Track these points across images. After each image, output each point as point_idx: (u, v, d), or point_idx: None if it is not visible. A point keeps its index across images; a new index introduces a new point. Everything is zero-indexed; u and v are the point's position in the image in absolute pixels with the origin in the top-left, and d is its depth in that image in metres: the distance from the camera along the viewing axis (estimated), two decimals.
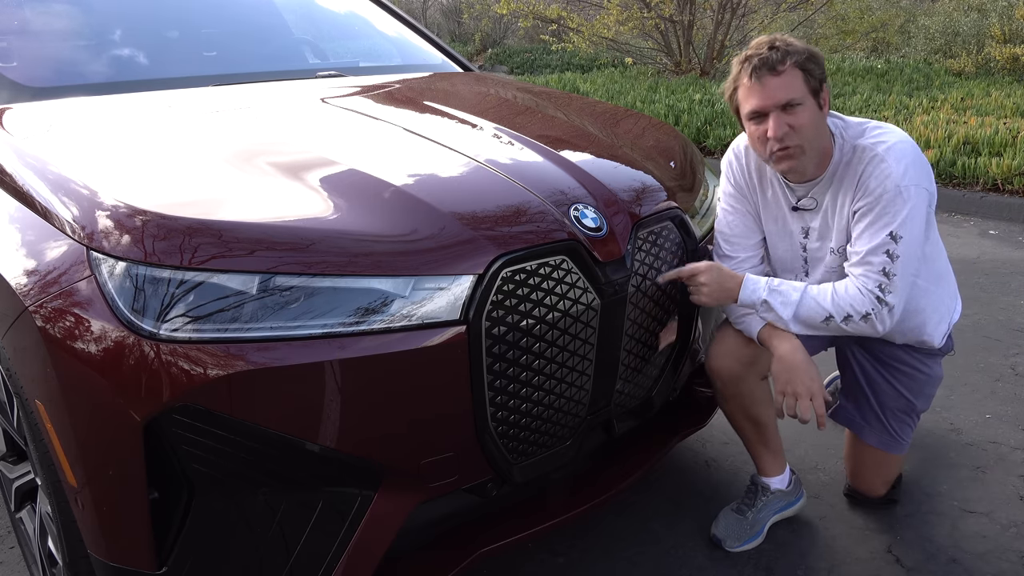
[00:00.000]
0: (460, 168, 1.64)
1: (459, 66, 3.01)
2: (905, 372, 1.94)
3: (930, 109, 6.91)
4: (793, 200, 1.85)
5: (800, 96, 1.67)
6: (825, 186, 1.79)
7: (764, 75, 1.67)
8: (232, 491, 1.35)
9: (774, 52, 1.67)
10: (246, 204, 1.42)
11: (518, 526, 1.66)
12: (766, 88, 1.68)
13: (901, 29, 12.04)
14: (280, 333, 1.29)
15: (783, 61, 1.66)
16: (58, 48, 2.29)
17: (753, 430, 1.99)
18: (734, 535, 1.96)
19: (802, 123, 1.68)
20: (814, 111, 1.69)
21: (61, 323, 1.31)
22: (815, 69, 1.69)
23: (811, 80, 1.68)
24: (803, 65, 1.67)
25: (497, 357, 1.42)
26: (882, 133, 1.73)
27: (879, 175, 1.67)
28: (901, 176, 1.66)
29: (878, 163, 1.68)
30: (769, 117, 1.69)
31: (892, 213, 1.67)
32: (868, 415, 2.00)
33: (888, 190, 1.66)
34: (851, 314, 1.72)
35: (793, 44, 1.69)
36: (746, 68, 1.70)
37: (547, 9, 11.38)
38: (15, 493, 1.81)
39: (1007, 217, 4.85)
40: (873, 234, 1.69)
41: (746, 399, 1.94)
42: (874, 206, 1.68)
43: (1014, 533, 2.00)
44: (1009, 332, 3.18)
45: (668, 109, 7.47)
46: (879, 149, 1.69)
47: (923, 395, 1.97)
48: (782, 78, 1.66)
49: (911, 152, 1.69)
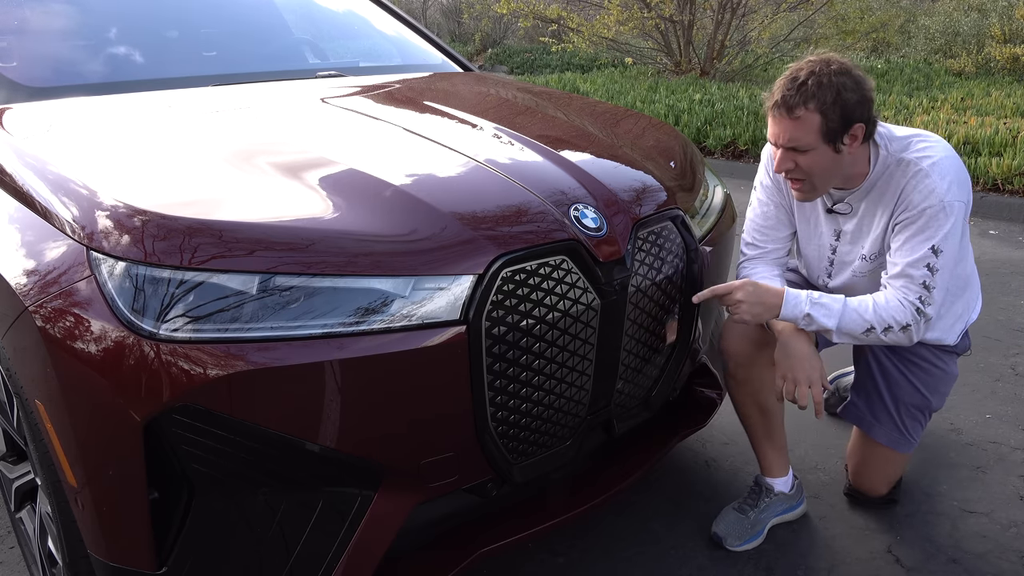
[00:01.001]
0: (460, 168, 1.64)
1: (459, 66, 3.01)
2: (922, 367, 1.95)
3: (930, 109, 6.91)
4: (829, 203, 1.88)
5: (808, 143, 1.68)
6: (862, 195, 1.81)
7: (780, 114, 1.69)
8: (232, 491, 1.35)
9: (798, 93, 1.65)
10: (246, 204, 1.42)
11: (518, 526, 1.66)
12: (778, 126, 1.70)
13: (901, 29, 12.04)
14: (280, 333, 1.29)
15: (802, 104, 1.65)
16: (58, 48, 2.29)
17: (760, 420, 1.99)
18: (735, 534, 1.96)
19: (808, 165, 1.71)
20: (825, 155, 1.69)
21: (61, 323, 1.31)
22: (840, 112, 1.64)
23: (829, 124, 1.66)
24: (824, 110, 1.64)
25: (497, 357, 1.42)
26: (927, 148, 1.74)
27: (923, 190, 1.69)
28: (945, 192, 1.67)
29: (923, 178, 1.70)
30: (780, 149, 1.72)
31: (935, 227, 1.69)
32: (879, 411, 2.00)
33: (932, 205, 1.68)
34: (891, 325, 1.74)
35: (824, 82, 1.63)
36: (773, 96, 1.70)
37: (547, 9, 11.38)
38: (15, 493, 1.81)
39: (1007, 217, 4.85)
40: (915, 247, 1.71)
41: (756, 384, 1.95)
42: (917, 219, 1.70)
43: (1014, 533, 2.00)
44: (1009, 332, 3.18)
45: (668, 109, 7.47)
46: (924, 164, 1.71)
47: (938, 392, 1.97)
48: (795, 122, 1.67)
49: (955, 167, 1.71)
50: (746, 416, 2.02)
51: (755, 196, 2.01)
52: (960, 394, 2.68)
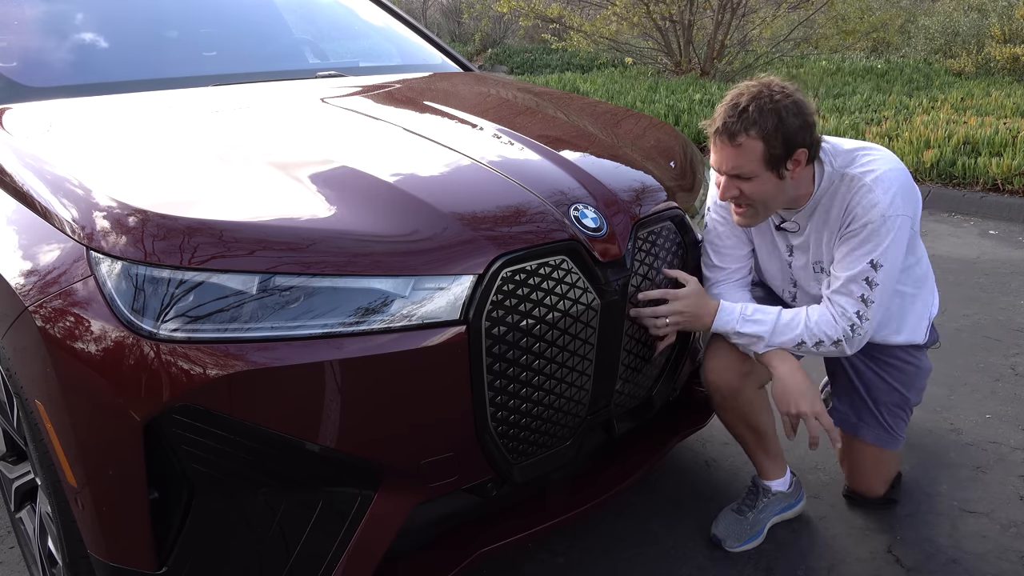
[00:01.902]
0: (460, 168, 1.64)
1: (459, 66, 3.01)
2: (895, 366, 1.96)
3: (930, 109, 6.91)
4: (777, 220, 1.88)
5: (751, 170, 1.66)
6: (807, 213, 1.81)
7: (722, 141, 1.67)
8: (232, 491, 1.35)
9: (739, 120, 1.62)
10: (246, 204, 1.42)
11: (518, 526, 1.66)
12: (721, 153, 1.69)
13: (901, 29, 12.04)
14: (280, 333, 1.29)
15: (742, 132, 1.62)
16: (58, 48, 2.29)
17: (752, 437, 1.99)
18: (734, 535, 1.96)
19: (751, 192, 1.69)
20: (769, 182, 1.68)
21: (61, 323, 1.31)
22: (780, 140, 1.62)
23: (772, 151, 1.63)
24: (767, 137, 1.61)
25: (497, 357, 1.42)
26: (871, 161, 1.73)
27: (866, 204, 1.69)
28: (888, 206, 1.67)
29: (865, 192, 1.69)
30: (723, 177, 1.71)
31: (875, 242, 1.69)
32: (863, 412, 2.01)
33: (873, 220, 1.68)
34: (823, 340, 1.76)
35: (770, 109, 1.61)
36: (714, 123, 1.68)
37: (547, 8, 11.38)
38: (15, 493, 1.81)
39: (1007, 217, 4.85)
40: (854, 261, 1.71)
41: (744, 409, 1.94)
42: (858, 232, 1.70)
43: (1014, 533, 2.00)
44: (1009, 332, 3.18)
45: (668, 109, 7.47)
46: (867, 179, 1.70)
47: (915, 388, 1.99)
48: (737, 150, 1.65)
49: (899, 180, 1.70)
50: (738, 435, 2.02)
51: (709, 218, 1.94)
52: (960, 394, 2.68)
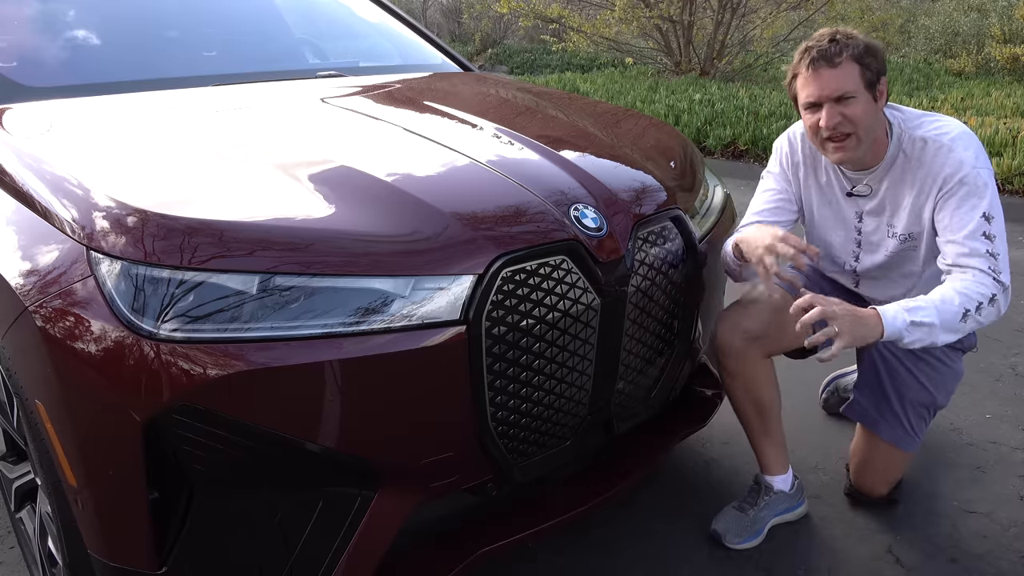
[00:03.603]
0: (460, 168, 1.64)
1: (459, 66, 3.01)
2: (930, 363, 1.94)
3: (930, 109, 6.92)
4: (848, 187, 1.91)
5: (854, 89, 1.72)
6: (882, 174, 1.85)
7: (821, 67, 1.73)
8: (232, 491, 1.35)
9: (833, 45, 1.72)
10: (246, 204, 1.42)
11: (518, 526, 1.66)
12: (822, 79, 1.73)
13: (901, 29, 12.05)
14: (280, 333, 1.29)
15: (840, 54, 1.71)
16: (58, 48, 2.29)
17: (756, 416, 1.99)
18: (734, 531, 1.96)
19: (855, 114, 1.73)
20: (868, 104, 1.74)
21: (61, 323, 1.31)
22: (872, 63, 1.73)
23: (867, 73, 1.72)
24: (860, 59, 1.71)
25: (497, 357, 1.42)
26: (942, 124, 1.79)
27: (953, 163, 1.73)
28: (975, 161, 1.73)
29: (947, 153, 1.74)
30: (823, 107, 1.74)
31: (978, 195, 1.73)
32: (884, 408, 1.99)
33: (967, 175, 1.72)
34: (982, 301, 1.69)
35: (854, 37, 1.74)
36: (805, 58, 1.76)
37: (547, 9, 11.38)
38: (15, 493, 1.81)
39: (1007, 217, 4.82)
40: (964, 218, 1.73)
41: (749, 378, 1.95)
42: (957, 190, 1.74)
43: (1014, 533, 2.00)
44: (1009, 332, 3.18)
45: (668, 109, 7.46)
46: (944, 140, 1.75)
47: (944, 389, 1.97)
48: (838, 71, 1.72)
49: (974, 139, 1.77)
50: (742, 413, 2.02)
51: (762, 184, 2.05)
52: (960, 394, 2.67)
